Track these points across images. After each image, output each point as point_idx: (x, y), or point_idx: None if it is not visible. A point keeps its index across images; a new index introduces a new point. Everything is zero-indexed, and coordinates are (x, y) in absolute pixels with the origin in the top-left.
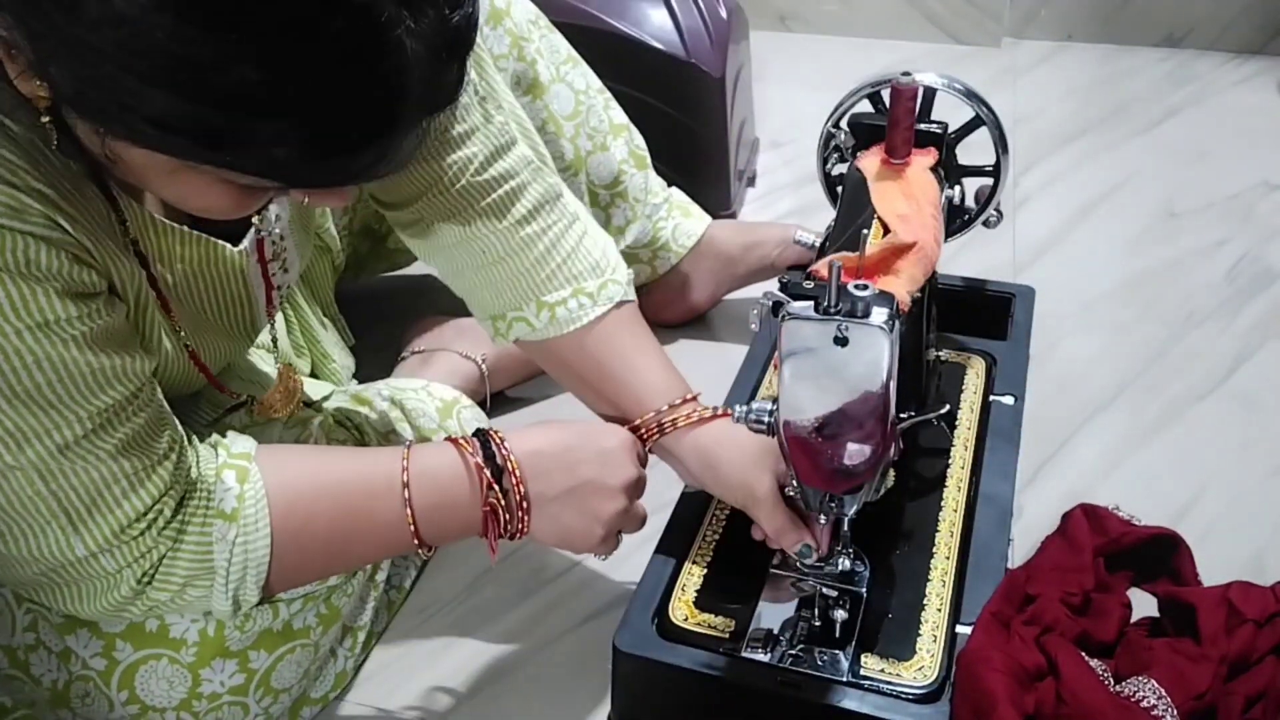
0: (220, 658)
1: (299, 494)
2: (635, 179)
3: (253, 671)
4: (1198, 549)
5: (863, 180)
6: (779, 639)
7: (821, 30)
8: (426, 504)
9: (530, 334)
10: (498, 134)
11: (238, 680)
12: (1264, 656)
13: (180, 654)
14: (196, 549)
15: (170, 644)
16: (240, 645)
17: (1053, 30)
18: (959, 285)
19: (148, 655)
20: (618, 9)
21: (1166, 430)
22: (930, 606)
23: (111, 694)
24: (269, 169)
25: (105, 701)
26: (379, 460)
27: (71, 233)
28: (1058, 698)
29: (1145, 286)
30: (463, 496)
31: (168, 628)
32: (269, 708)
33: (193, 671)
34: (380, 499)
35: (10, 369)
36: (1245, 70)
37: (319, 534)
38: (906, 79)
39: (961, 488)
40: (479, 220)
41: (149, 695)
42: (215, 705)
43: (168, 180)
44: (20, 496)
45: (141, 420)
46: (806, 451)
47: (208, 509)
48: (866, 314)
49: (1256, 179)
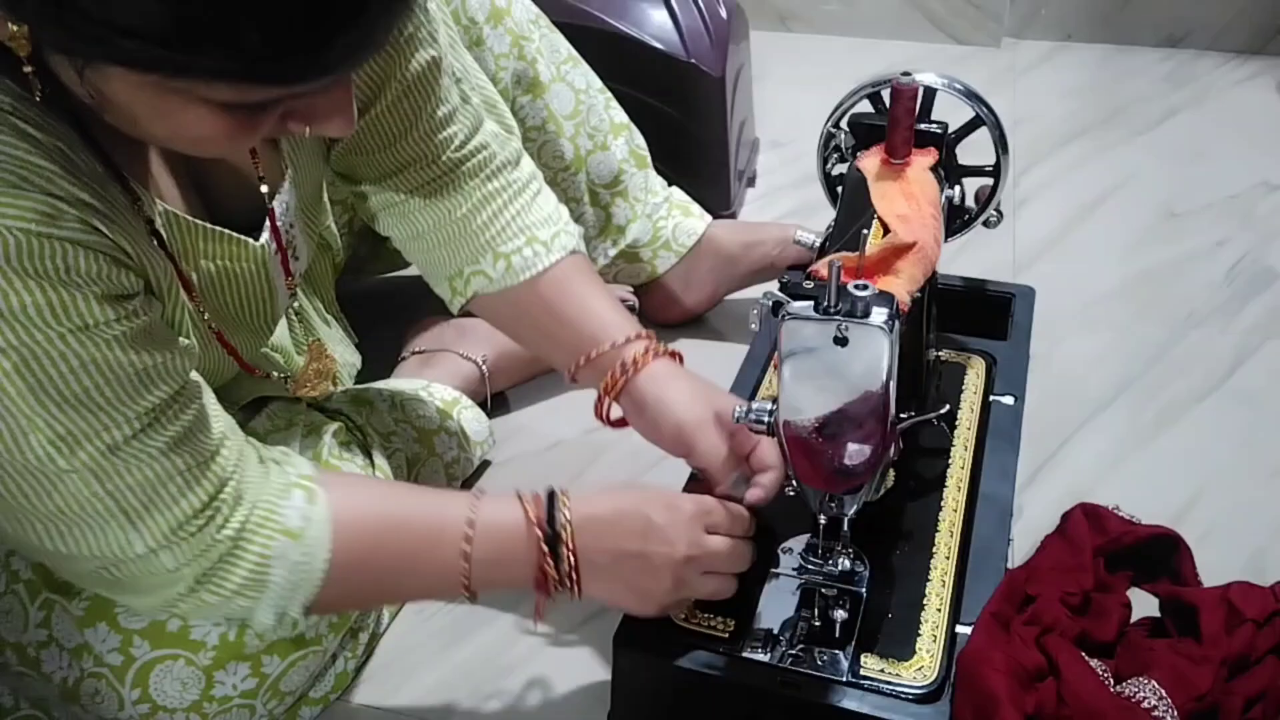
0: (235, 661)
1: (364, 527)
2: (635, 178)
3: (265, 676)
4: (1198, 549)
5: (863, 180)
6: (779, 639)
7: (821, 30)
8: (483, 558)
9: (488, 286)
10: (474, 113)
11: (249, 684)
12: (1264, 656)
13: (198, 656)
14: (257, 560)
15: (189, 645)
16: (255, 650)
17: (1053, 30)
18: (959, 285)
19: (165, 655)
20: (618, 9)
21: (1166, 430)
22: (930, 606)
23: (123, 692)
24: (245, 68)
25: (116, 699)
26: (446, 506)
27: (109, 234)
28: (1059, 698)
29: (1145, 286)
30: (519, 556)
31: (189, 629)
32: (274, 710)
33: (207, 674)
34: (441, 546)
35: (57, 374)
36: (1245, 70)
37: (375, 567)
38: (906, 79)
39: (961, 488)
40: (449, 187)
41: (161, 695)
42: (225, 708)
43: (155, 116)
44: (78, 499)
45: (189, 417)
46: (806, 451)
47: (274, 523)
48: (866, 314)
49: (1256, 179)
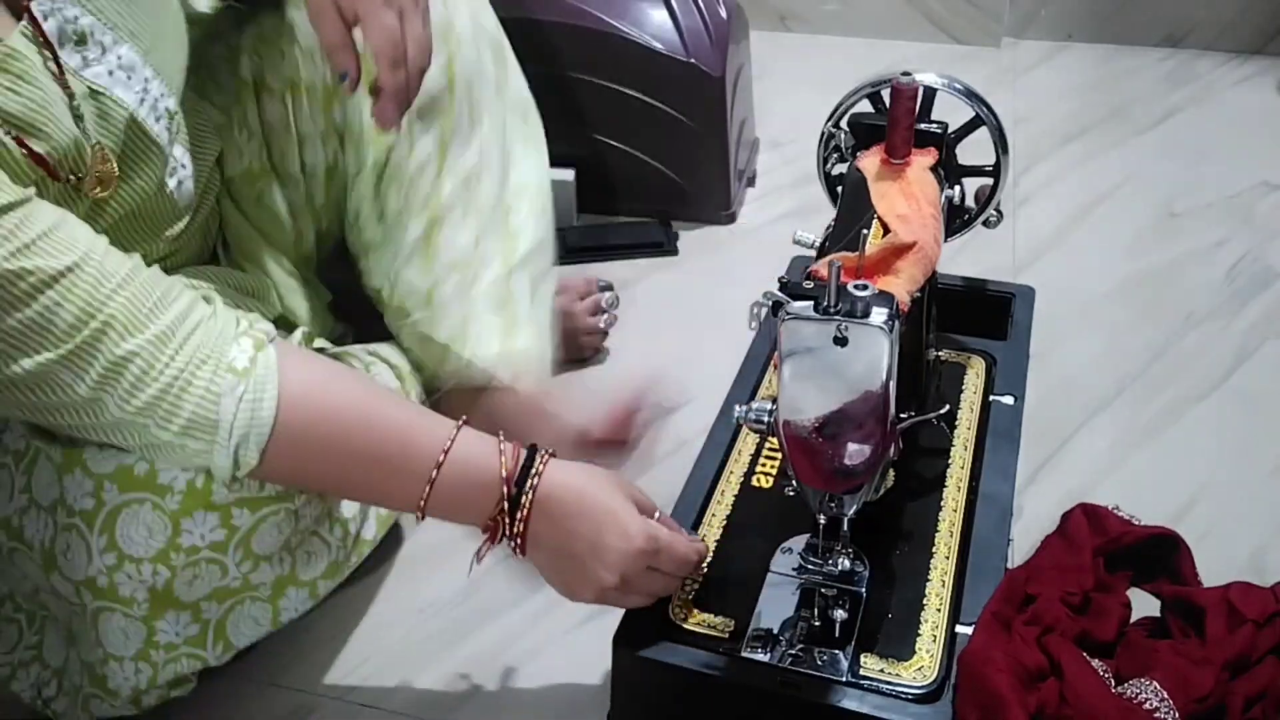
0: (203, 509)
1: (322, 395)
2: None
3: (234, 529)
4: (1198, 549)
5: (863, 180)
6: (779, 639)
7: (821, 30)
8: (444, 492)
9: None
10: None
11: (218, 536)
12: (1264, 656)
13: (165, 500)
14: (204, 396)
15: (156, 489)
16: (224, 500)
17: (1053, 30)
18: (959, 285)
19: (131, 499)
20: (618, 9)
21: (1166, 430)
22: (930, 606)
23: (91, 540)
24: None
25: (84, 551)
26: (425, 425)
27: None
28: (1060, 698)
29: (1145, 286)
30: (478, 503)
31: (156, 473)
32: (248, 574)
33: (174, 520)
34: (408, 461)
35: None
36: (1245, 70)
37: (333, 447)
38: (906, 79)
39: (961, 488)
40: None
41: (128, 542)
42: (193, 560)
43: None
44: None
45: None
46: (806, 451)
47: (219, 362)
48: (866, 314)
49: (1256, 179)
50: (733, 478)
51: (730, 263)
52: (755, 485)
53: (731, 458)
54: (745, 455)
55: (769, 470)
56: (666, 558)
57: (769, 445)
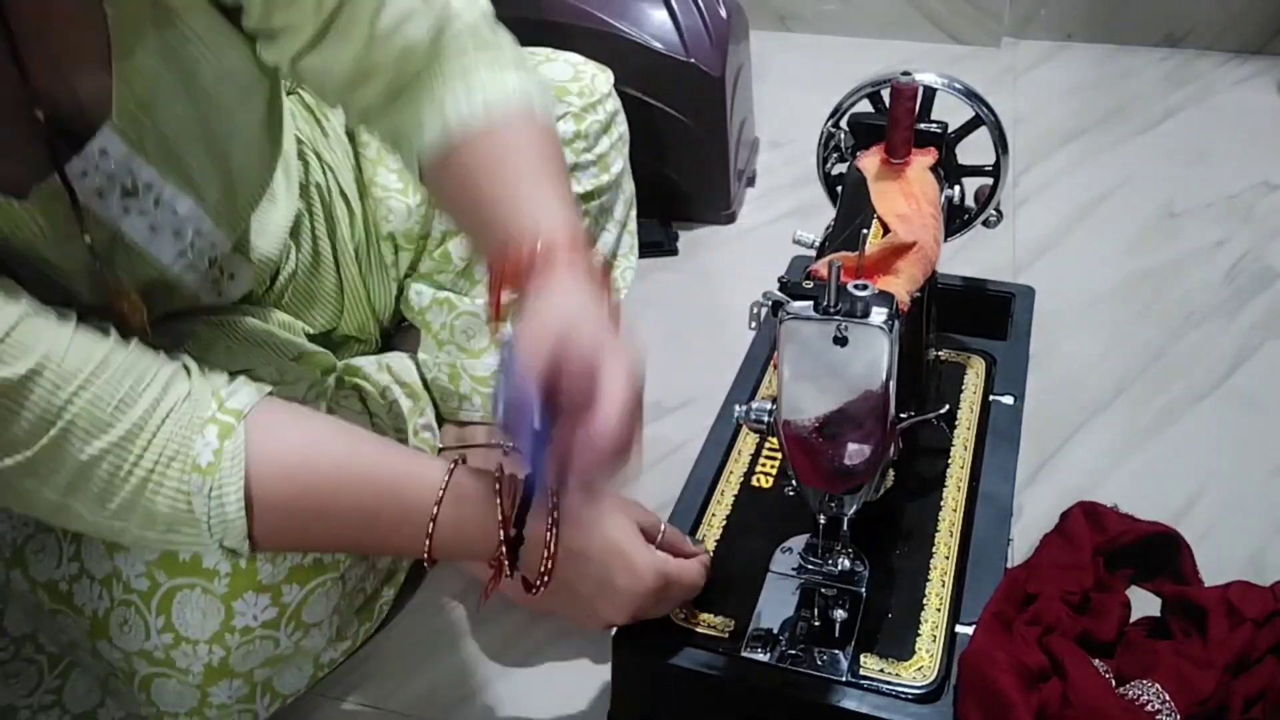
0: (253, 591)
1: (299, 466)
2: None
3: (285, 605)
4: (1198, 549)
5: (863, 180)
6: (779, 639)
7: (821, 30)
8: (446, 537)
9: (426, 141)
10: (426, 9)
11: (270, 615)
12: (1263, 656)
13: (213, 584)
14: (176, 497)
15: (203, 574)
16: (272, 580)
17: (1053, 30)
18: (959, 285)
19: (182, 584)
20: (618, 9)
21: (1166, 430)
22: (930, 606)
23: (150, 619)
24: None
25: (143, 628)
26: (423, 471)
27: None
28: (1063, 699)
29: (1145, 286)
30: (478, 547)
31: (200, 558)
32: (299, 641)
33: (225, 603)
34: (406, 512)
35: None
36: (1245, 70)
37: (320, 511)
38: (906, 79)
39: (961, 488)
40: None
41: (184, 625)
42: (248, 639)
43: None
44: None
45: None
46: (806, 451)
47: (186, 459)
48: (866, 314)
49: (1256, 179)
50: (733, 478)
51: (730, 263)
52: (755, 485)
53: (731, 458)
54: (745, 455)
55: (769, 470)
56: (675, 591)
57: (769, 445)
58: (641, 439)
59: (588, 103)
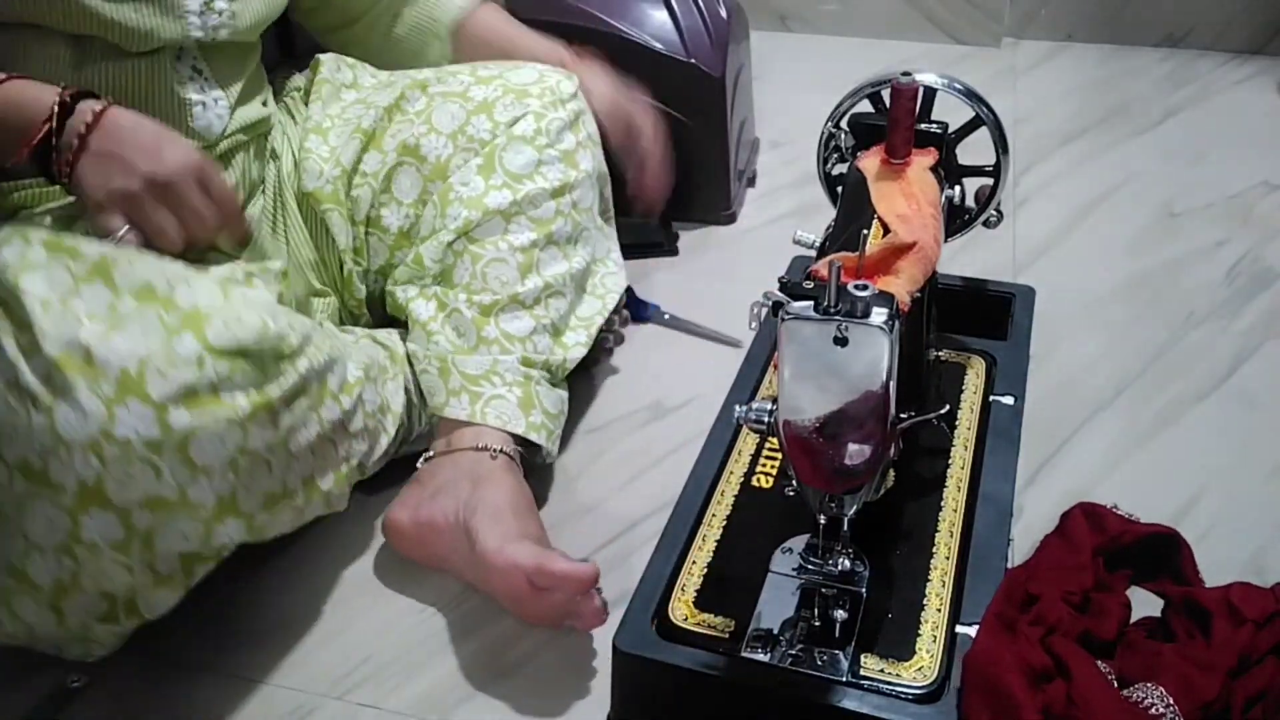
0: (138, 401)
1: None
2: None
3: (169, 427)
4: (1198, 549)
5: (863, 180)
6: (779, 639)
7: (821, 30)
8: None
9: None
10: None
11: (153, 433)
12: (1264, 656)
13: (99, 385)
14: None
15: (91, 372)
16: (162, 396)
17: (1053, 30)
18: (959, 285)
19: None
20: (618, 9)
21: (1166, 430)
22: (930, 606)
23: (34, 415)
24: None
25: (27, 428)
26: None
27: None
28: (1068, 699)
29: (1145, 286)
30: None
31: (92, 358)
32: (185, 486)
33: (109, 407)
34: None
35: None
36: (1245, 70)
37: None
38: (906, 79)
39: (961, 488)
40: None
41: (63, 426)
42: (126, 454)
43: None
44: None
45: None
46: (806, 451)
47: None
48: (866, 314)
49: (1256, 179)
50: (733, 478)
51: (730, 263)
52: (755, 485)
53: (731, 458)
54: (745, 455)
55: (769, 470)
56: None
57: (769, 445)
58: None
59: (549, 101)
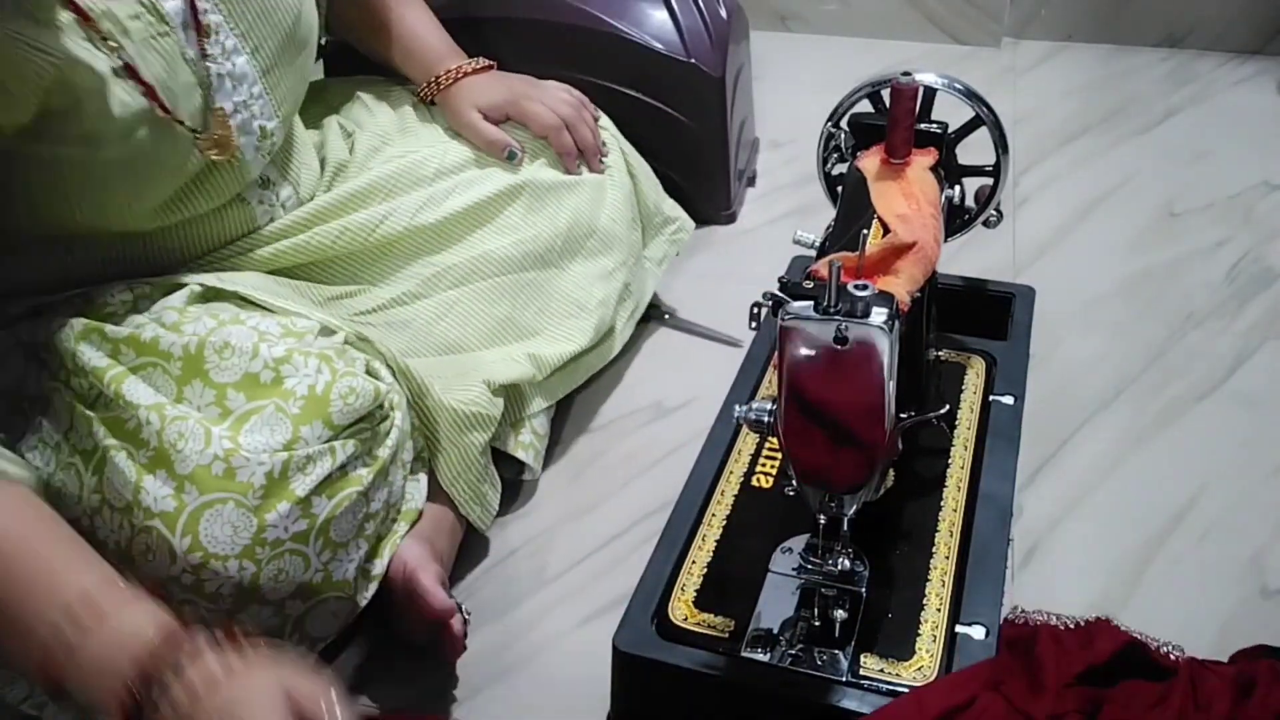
0: (285, 502)
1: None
2: None
3: (314, 518)
4: (1198, 549)
5: (863, 180)
6: (778, 639)
7: (821, 30)
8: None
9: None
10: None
11: (300, 526)
12: None
13: (246, 497)
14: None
15: (238, 487)
16: (304, 490)
17: (1053, 30)
18: (959, 285)
19: (214, 500)
20: (618, 9)
21: (1166, 430)
22: (930, 606)
23: (175, 541)
24: None
25: (168, 552)
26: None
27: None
28: None
29: (1145, 286)
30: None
31: (234, 471)
32: (328, 563)
33: (258, 516)
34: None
35: None
36: (1245, 70)
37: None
38: (906, 79)
39: (961, 488)
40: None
41: (211, 542)
42: (278, 553)
43: None
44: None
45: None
46: (806, 451)
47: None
48: (866, 314)
49: (1256, 179)
50: (733, 478)
51: (730, 263)
52: (755, 485)
53: (731, 458)
54: (745, 455)
55: (769, 470)
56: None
57: (769, 445)
58: None
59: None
